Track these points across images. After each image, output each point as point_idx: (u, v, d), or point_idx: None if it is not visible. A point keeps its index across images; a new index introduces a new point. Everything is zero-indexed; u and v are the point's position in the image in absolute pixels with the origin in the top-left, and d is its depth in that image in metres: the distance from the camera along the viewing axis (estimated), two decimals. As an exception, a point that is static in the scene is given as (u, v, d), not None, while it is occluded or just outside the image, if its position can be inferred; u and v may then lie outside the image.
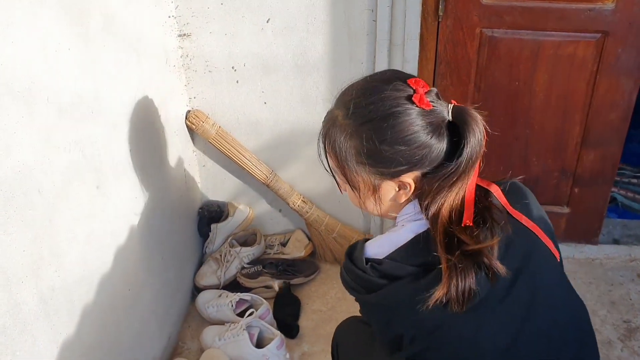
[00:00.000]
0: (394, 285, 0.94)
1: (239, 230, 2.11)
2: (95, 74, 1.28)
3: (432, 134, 0.92)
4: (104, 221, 1.34)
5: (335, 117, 0.98)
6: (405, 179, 0.95)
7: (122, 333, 1.46)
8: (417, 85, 0.94)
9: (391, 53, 1.79)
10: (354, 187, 1.00)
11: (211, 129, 1.94)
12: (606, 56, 1.70)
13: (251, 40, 1.83)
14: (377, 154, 0.93)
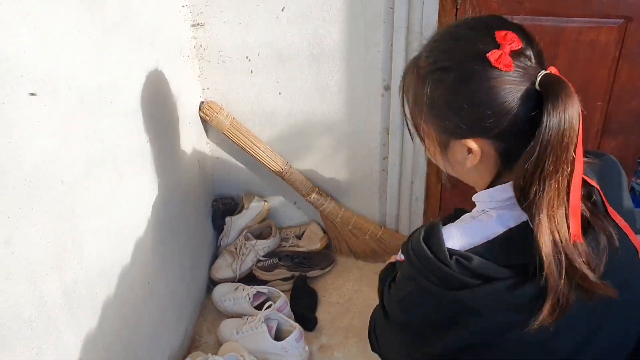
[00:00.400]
0: (486, 288, 0.80)
1: (253, 223, 2.09)
2: (113, 63, 1.26)
3: (507, 101, 0.80)
4: (123, 213, 1.32)
5: (419, 56, 0.90)
6: (470, 143, 0.85)
7: (141, 326, 1.44)
8: (504, 41, 0.81)
9: (409, 41, 1.76)
10: (421, 138, 0.92)
11: (225, 120, 1.91)
12: (629, 42, 1.67)
13: (266, 29, 1.80)
14: (443, 107, 0.85)
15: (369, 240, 2.07)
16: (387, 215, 2.10)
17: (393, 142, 1.93)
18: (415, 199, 2.04)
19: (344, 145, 1.99)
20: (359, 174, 2.04)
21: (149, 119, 1.46)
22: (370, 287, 2.01)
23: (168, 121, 1.62)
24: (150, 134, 1.47)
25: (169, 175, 1.62)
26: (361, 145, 1.98)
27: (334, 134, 1.96)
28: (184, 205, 1.76)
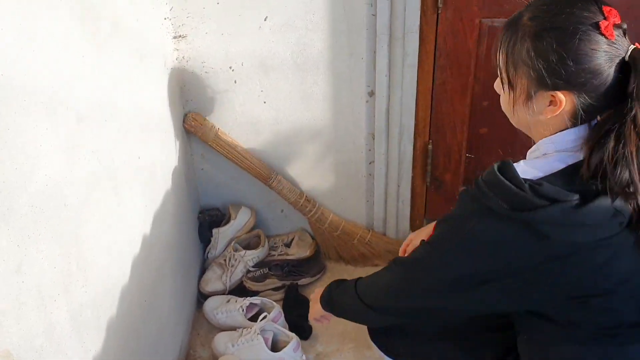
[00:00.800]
0: (555, 207, 0.92)
1: (241, 233, 2.08)
2: (107, 80, 1.24)
3: (603, 64, 0.95)
4: (121, 231, 1.30)
5: (520, 16, 1.02)
6: (559, 94, 0.99)
7: (141, 345, 1.42)
8: (609, 14, 0.97)
9: (391, 47, 1.78)
10: (512, 87, 1.04)
11: (210, 131, 1.90)
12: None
13: (249, 39, 1.80)
14: (545, 61, 0.97)
15: (357, 245, 2.08)
16: (374, 219, 2.11)
17: (378, 147, 1.95)
18: (401, 202, 2.07)
19: (330, 152, 1.99)
20: (346, 179, 2.05)
21: (139, 134, 1.44)
22: (362, 291, 2.01)
23: (156, 136, 1.61)
24: (141, 149, 1.45)
25: (159, 190, 1.60)
26: (347, 150, 1.99)
27: (319, 140, 1.97)
28: (174, 220, 1.74)
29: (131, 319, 1.34)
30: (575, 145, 1.01)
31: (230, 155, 1.94)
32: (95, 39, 1.19)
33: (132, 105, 1.41)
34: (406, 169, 2.00)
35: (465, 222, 1.01)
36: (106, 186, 1.21)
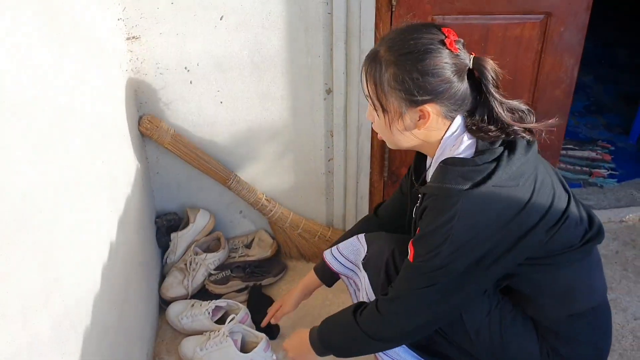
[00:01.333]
0: (502, 163, 1.14)
1: (200, 236, 2.04)
2: (66, 82, 1.19)
3: (455, 74, 1.15)
4: (90, 238, 1.25)
5: (377, 51, 1.20)
6: (427, 107, 1.17)
7: (114, 354, 1.37)
8: (448, 33, 1.17)
9: (348, 45, 1.80)
10: (385, 110, 1.21)
11: (166, 134, 1.86)
12: (550, 36, 1.81)
13: (204, 38, 1.77)
14: (410, 80, 1.15)
15: (318, 242, 2.09)
16: (334, 215, 2.13)
17: (337, 144, 1.97)
18: (360, 197, 2.09)
19: (289, 150, 1.99)
20: (305, 177, 2.05)
21: (99, 139, 1.40)
22: (325, 289, 2.01)
23: (113, 140, 1.56)
24: (102, 154, 1.41)
25: (120, 196, 1.56)
26: (306, 149, 2.00)
27: (278, 139, 1.97)
28: (136, 225, 1.70)
29: (104, 329, 1.30)
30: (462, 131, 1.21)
31: (187, 158, 1.91)
32: (57, 40, 1.14)
33: (90, 108, 1.36)
34: (364, 165, 2.02)
35: (448, 221, 1.14)
36: (74, 192, 1.17)
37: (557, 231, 1.20)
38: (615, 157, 2.63)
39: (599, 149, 2.68)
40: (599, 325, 1.32)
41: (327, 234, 2.09)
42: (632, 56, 3.57)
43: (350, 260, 1.51)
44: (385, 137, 1.29)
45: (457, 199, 1.14)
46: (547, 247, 1.21)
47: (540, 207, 1.18)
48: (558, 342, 1.30)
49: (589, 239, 1.26)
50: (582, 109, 3.02)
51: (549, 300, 1.27)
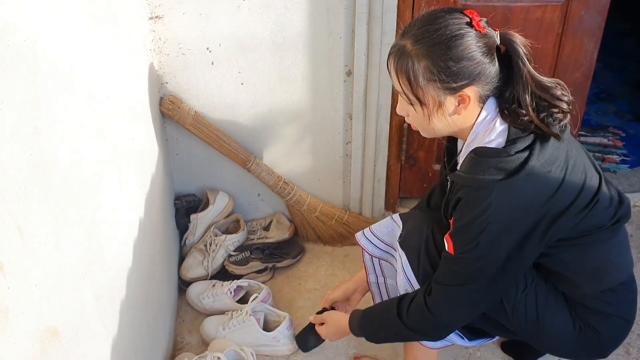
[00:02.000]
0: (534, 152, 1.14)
1: (220, 218, 2.05)
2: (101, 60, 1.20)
3: (487, 54, 1.15)
4: (124, 214, 1.27)
5: (403, 46, 1.18)
6: (466, 92, 1.16)
7: (143, 331, 1.39)
8: (472, 15, 1.16)
9: (370, 26, 1.80)
10: (424, 103, 1.19)
11: (187, 114, 1.86)
12: (571, 18, 1.82)
13: (227, 19, 1.77)
14: (445, 69, 1.14)
15: (335, 225, 2.10)
16: (351, 199, 2.14)
17: (356, 127, 1.98)
18: (377, 181, 2.10)
19: (308, 133, 2.00)
20: (323, 160, 2.06)
21: (128, 118, 1.40)
22: (343, 270, 2.04)
23: (137, 119, 1.56)
24: (131, 133, 1.41)
25: (147, 174, 1.57)
26: (324, 131, 2.00)
27: (297, 122, 1.97)
28: (159, 205, 1.70)
29: (135, 303, 1.31)
30: (494, 115, 1.21)
31: (208, 139, 1.91)
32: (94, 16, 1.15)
33: (118, 86, 1.36)
34: (382, 149, 2.03)
35: (483, 212, 1.15)
36: (111, 167, 1.18)
37: (589, 212, 1.22)
38: (626, 144, 2.64)
39: (611, 135, 2.70)
40: (628, 298, 1.35)
41: (344, 217, 2.10)
42: (639, 45, 3.59)
43: (384, 242, 1.50)
44: (422, 128, 1.28)
45: (491, 190, 1.15)
46: (579, 228, 1.23)
47: (572, 190, 1.19)
48: (590, 316, 1.32)
49: (618, 219, 1.28)
50: (592, 96, 3.03)
51: (580, 278, 1.29)
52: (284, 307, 1.89)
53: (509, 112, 1.19)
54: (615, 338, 1.39)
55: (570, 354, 1.46)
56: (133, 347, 1.27)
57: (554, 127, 1.18)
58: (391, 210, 2.19)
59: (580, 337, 1.35)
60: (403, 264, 1.40)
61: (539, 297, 1.32)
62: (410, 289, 1.40)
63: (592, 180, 1.23)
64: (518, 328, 1.35)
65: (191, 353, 1.70)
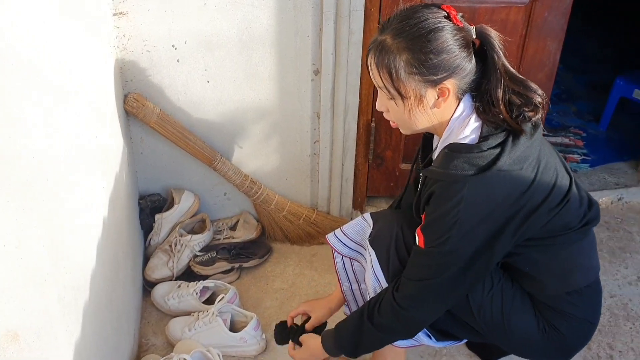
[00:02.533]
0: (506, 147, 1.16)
1: (185, 218, 2.02)
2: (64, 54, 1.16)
3: (464, 47, 1.17)
4: (88, 212, 1.24)
5: (382, 41, 1.18)
6: (446, 84, 1.17)
7: (107, 332, 1.35)
8: (449, 9, 1.19)
9: (337, 25, 1.80)
10: (405, 97, 1.20)
11: (152, 113, 1.83)
12: (534, 20, 1.85)
13: (193, 16, 1.75)
14: (426, 62, 1.15)
15: (303, 225, 2.10)
16: (318, 198, 2.14)
17: (323, 126, 1.97)
18: (345, 180, 2.10)
19: (275, 132, 1.99)
20: (291, 159, 2.05)
21: (92, 115, 1.37)
22: (310, 269, 2.03)
23: (100, 118, 1.52)
24: (95, 130, 1.38)
25: (111, 173, 1.53)
26: (292, 130, 1.99)
27: (265, 121, 1.96)
28: (123, 204, 1.67)
29: (99, 305, 1.28)
30: (470, 112, 1.22)
31: (173, 138, 1.88)
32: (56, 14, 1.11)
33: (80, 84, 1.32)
34: (350, 148, 2.03)
35: (454, 206, 1.16)
36: (75, 166, 1.15)
37: (559, 212, 1.23)
38: (587, 143, 2.70)
39: (572, 135, 2.76)
40: (592, 301, 1.37)
41: (312, 216, 2.10)
42: (600, 47, 3.68)
43: (354, 241, 1.50)
44: (402, 122, 1.28)
45: (463, 185, 1.16)
46: (548, 228, 1.25)
47: (543, 188, 1.21)
48: (554, 318, 1.34)
49: (587, 221, 1.30)
50: (554, 97, 3.09)
51: (548, 278, 1.31)
52: (251, 307, 1.87)
53: (484, 108, 1.20)
54: (579, 340, 1.40)
55: (534, 355, 1.47)
56: (97, 349, 1.24)
57: (525, 125, 1.20)
58: (359, 209, 2.19)
59: (544, 338, 1.36)
60: (372, 262, 1.40)
61: (505, 297, 1.34)
62: (379, 288, 1.40)
63: (564, 180, 1.26)
64: (484, 328, 1.36)
65: (156, 355, 1.67)
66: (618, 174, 2.49)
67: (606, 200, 2.37)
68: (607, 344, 1.77)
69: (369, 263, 1.41)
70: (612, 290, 1.97)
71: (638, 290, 1.96)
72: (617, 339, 1.79)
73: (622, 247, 2.15)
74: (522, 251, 1.28)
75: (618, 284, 1.99)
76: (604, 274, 2.01)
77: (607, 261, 2.08)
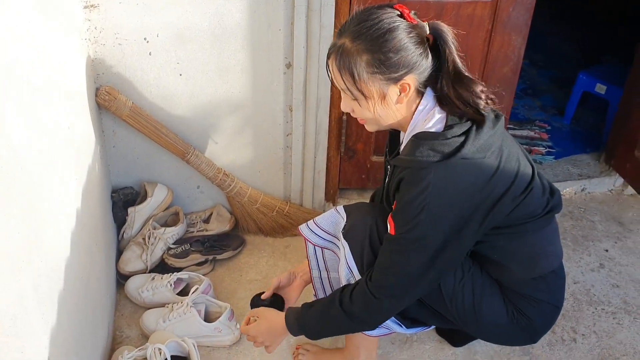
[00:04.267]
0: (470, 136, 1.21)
1: (158, 211, 2.03)
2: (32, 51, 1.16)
3: (420, 43, 1.21)
4: (62, 203, 1.24)
5: (342, 44, 1.22)
6: (406, 80, 1.22)
7: (83, 323, 1.36)
8: (402, 8, 1.24)
9: (309, 19, 1.82)
10: (368, 96, 1.24)
11: (124, 106, 1.83)
12: (500, 15, 1.90)
13: (165, 9, 1.75)
14: (386, 61, 1.19)
15: (276, 217, 2.12)
16: (291, 190, 2.16)
17: (296, 119, 2.00)
18: (317, 172, 2.13)
19: (248, 125, 2.01)
20: (264, 152, 2.07)
21: (64, 107, 1.37)
22: (284, 260, 2.06)
23: (72, 110, 1.52)
24: (68, 122, 1.38)
25: (83, 165, 1.53)
26: (265, 123, 2.01)
27: (237, 114, 1.98)
28: (97, 197, 1.67)
29: (74, 295, 1.29)
30: (433, 105, 1.27)
31: (145, 131, 1.89)
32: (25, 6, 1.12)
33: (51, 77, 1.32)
34: (322, 140, 2.06)
35: (422, 191, 1.20)
36: (48, 157, 1.15)
37: (524, 200, 1.28)
38: (551, 136, 2.78)
39: (537, 128, 2.83)
40: (557, 285, 1.43)
41: (285, 208, 2.12)
42: (564, 43, 3.78)
43: (328, 232, 1.52)
44: (368, 120, 1.32)
45: (428, 171, 1.20)
46: (513, 216, 1.30)
47: (507, 176, 1.26)
48: (522, 303, 1.40)
49: (551, 208, 1.36)
50: (520, 92, 3.17)
51: (515, 265, 1.37)
52: (226, 298, 1.89)
53: (444, 100, 1.25)
54: (545, 323, 1.47)
55: (503, 340, 1.54)
56: (72, 339, 1.25)
57: (487, 115, 1.25)
58: (331, 201, 2.23)
59: (512, 323, 1.42)
60: (346, 255, 1.43)
61: (475, 285, 1.38)
62: (352, 280, 1.43)
63: (526, 169, 1.31)
64: (456, 316, 1.40)
65: (131, 346, 1.68)
66: (581, 166, 2.57)
67: (570, 191, 2.45)
68: (571, 328, 1.84)
69: (343, 255, 1.43)
70: (576, 276, 2.04)
71: (600, 277, 2.04)
72: (580, 322, 1.86)
73: (585, 235, 2.23)
74: (489, 239, 1.32)
75: (581, 271, 2.06)
76: (567, 261, 2.09)
77: (570, 249, 2.15)
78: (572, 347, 1.78)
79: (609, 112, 2.69)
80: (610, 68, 2.91)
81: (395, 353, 1.74)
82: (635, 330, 1.84)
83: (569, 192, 2.45)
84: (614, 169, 2.45)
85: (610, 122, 2.56)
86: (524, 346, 1.75)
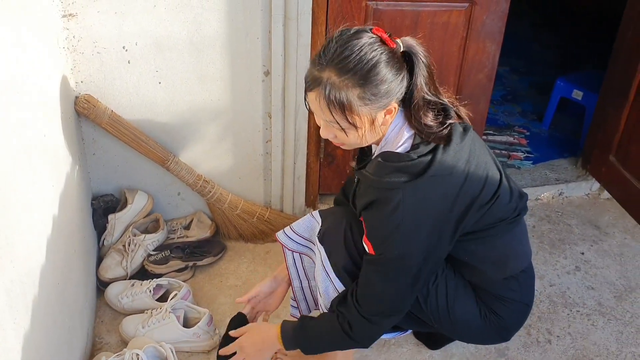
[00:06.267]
0: (437, 153, 1.23)
1: (139, 218, 2.04)
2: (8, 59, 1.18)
3: (399, 69, 1.22)
4: (37, 210, 1.25)
5: (328, 79, 1.20)
6: (393, 104, 1.24)
7: (57, 330, 1.37)
8: (378, 32, 1.23)
9: (286, 27, 1.85)
10: (359, 126, 1.24)
11: (103, 113, 1.85)
12: (474, 23, 1.94)
13: (143, 18, 1.78)
14: (377, 92, 1.20)
15: (257, 223, 2.14)
16: (271, 196, 2.18)
17: (275, 126, 2.02)
18: (297, 178, 2.15)
19: (228, 132, 2.03)
20: (243, 158, 2.09)
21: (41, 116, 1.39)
22: (264, 266, 2.08)
23: (50, 118, 1.53)
24: (44, 130, 1.40)
25: (61, 172, 1.55)
26: (244, 130, 2.03)
27: (217, 121, 2.00)
28: (76, 204, 1.68)
29: (49, 302, 1.30)
30: (402, 123, 1.29)
31: (125, 138, 1.90)
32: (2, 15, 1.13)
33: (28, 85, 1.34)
34: (301, 146, 2.08)
35: (392, 211, 1.22)
36: (23, 164, 1.17)
37: (492, 206, 1.32)
38: (530, 142, 2.82)
39: (516, 134, 2.87)
40: (527, 285, 1.47)
41: (265, 214, 2.14)
42: (543, 50, 3.84)
43: (304, 237, 1.54)
44: (349, 144, 1.32)
45: (397, 191, 1.23)
46: (484, 222, 1.33)
47: (475, 186, 1.29)
48: (494, 303, 1.43)
49: (519, 212, 1.39)
50: (500, 98, 3.22)
51: (486, 266, 1.40)
52: (206, 304, 1.90)
53: (414, 117, 1.27)
54: (517, 322, 1.51)
55: (477, 339, 1.57)
56: (47, 345, 1.26)
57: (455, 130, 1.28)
58: (311, 206, 2.25)
59: (485, 323, 1.45)
60: (322, 258, 1.45)
61: (448, 287, 1.41)
62: (330, 284, 1.45)
63: (493, 178, 1.34)
64: (430, 318, 1.43)
65: (110, 352, 1.69)
66: (559, 170, 2.61)
67: (547, 195, 2.49)
68: (546, 330, 1.86)
69: (319, 259, 1.46)
70: (552, 279, 2.07)
71: (575, 279, 2.07)
72: (555, 324, 1.89)
73: (562, 239, 2.26)
74: (461, 244, 1.35)
75: (557, 274, 2.09)
76: (544, 264, 2.12)
77: (547, 252, 2.19)
78: (547, 349, 1.80)
79: (586, 118, 2.74)
80: (587, 74, 2.96)
81: (372, 357, 1.75)
82: (609, 332, 1.87)
83: (547, 196, 2.49)
84: (590, 174, 2.49)
85: (587, 128, 2.60)
86: (500, 348, 1.78)
